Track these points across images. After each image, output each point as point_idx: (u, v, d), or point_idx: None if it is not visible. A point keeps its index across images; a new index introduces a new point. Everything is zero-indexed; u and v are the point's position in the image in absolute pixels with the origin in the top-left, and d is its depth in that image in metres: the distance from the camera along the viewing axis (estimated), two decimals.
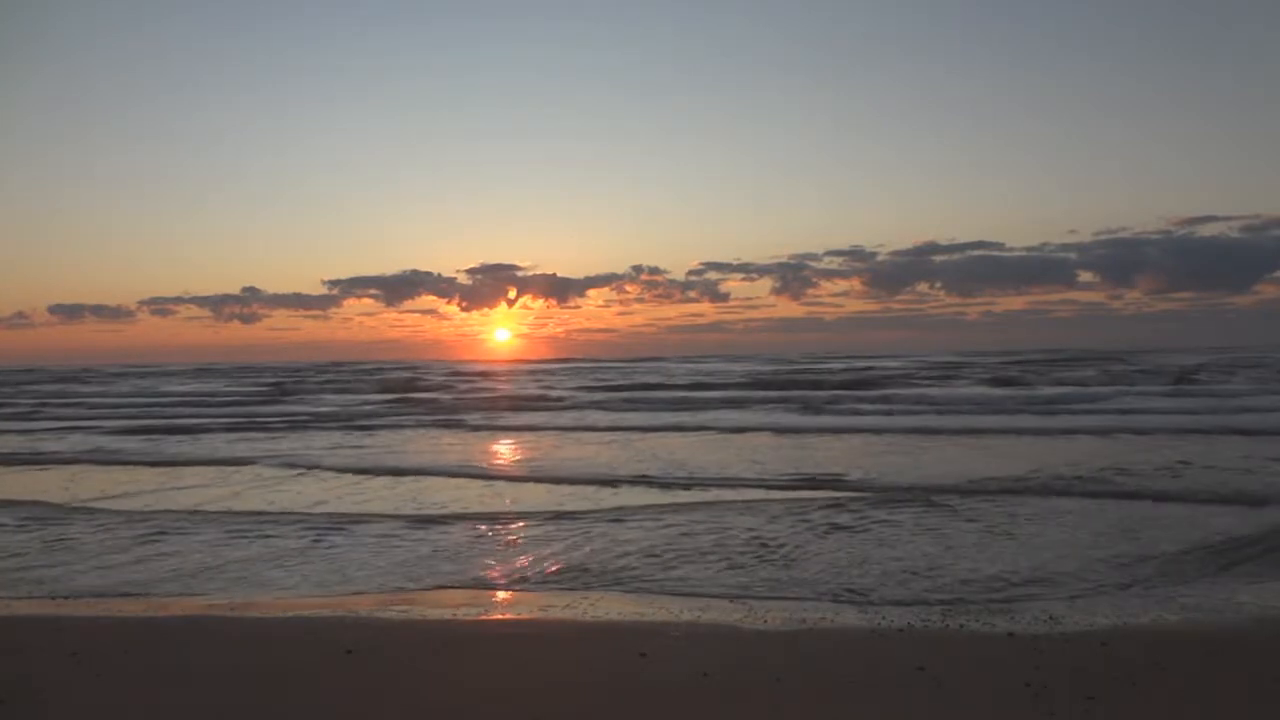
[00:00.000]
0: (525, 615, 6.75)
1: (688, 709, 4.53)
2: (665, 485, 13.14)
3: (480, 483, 14.04)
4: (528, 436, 22.16)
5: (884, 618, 6.26)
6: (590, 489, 12.97)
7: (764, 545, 8.83)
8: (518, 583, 7.86)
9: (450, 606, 6.87)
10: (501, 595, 7.48)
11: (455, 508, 11.49)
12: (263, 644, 5.77)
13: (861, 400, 32.06)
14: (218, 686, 4.90)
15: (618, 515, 10.64)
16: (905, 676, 4.96)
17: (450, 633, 6.09)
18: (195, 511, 11.51)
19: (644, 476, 13.94)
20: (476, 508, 11.49)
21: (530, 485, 13.73)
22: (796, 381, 44.96)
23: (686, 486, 13.00)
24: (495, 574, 8.12)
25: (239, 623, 6.41)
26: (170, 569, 8.37)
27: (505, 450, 19.09)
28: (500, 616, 6.74)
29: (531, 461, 16.90)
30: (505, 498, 12.46)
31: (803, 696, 4.68)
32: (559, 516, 10.63)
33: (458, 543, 9.28)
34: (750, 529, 9.58)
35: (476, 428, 24.75)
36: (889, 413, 26.64)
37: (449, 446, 19.78)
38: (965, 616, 6.25)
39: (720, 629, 6.07)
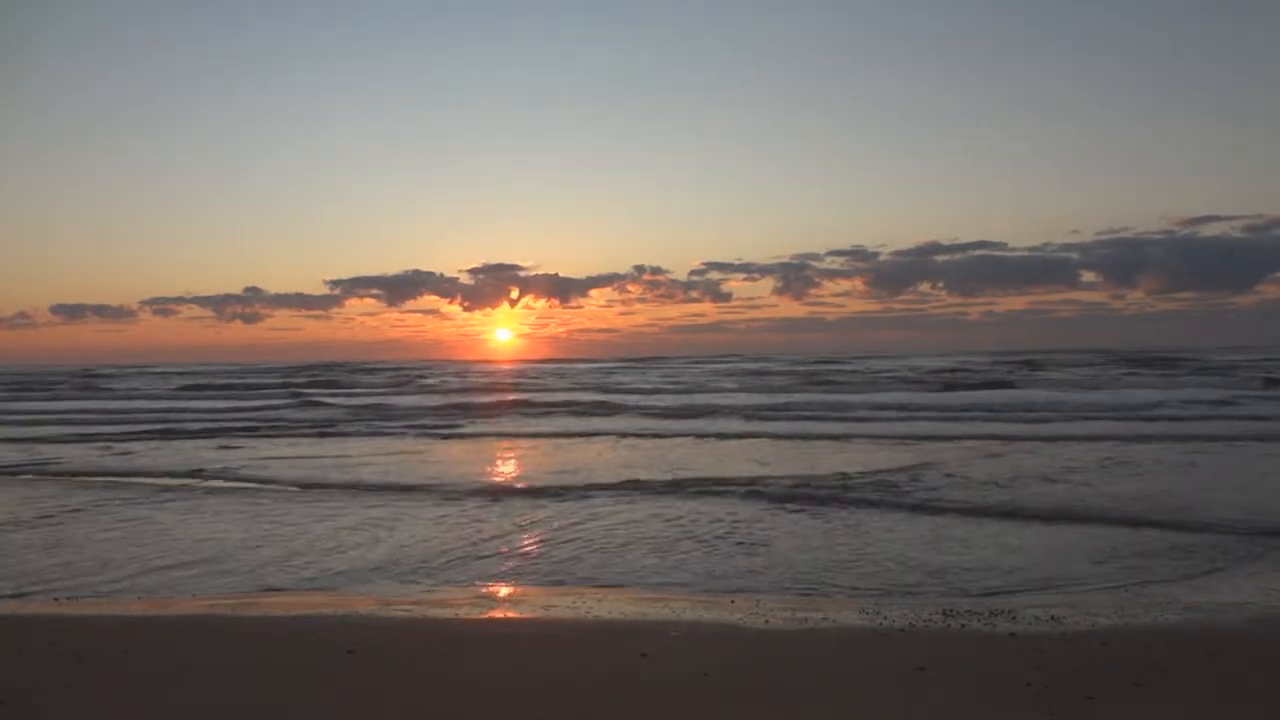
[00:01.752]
0: (526, 615, 6.76)
1: (688, 709, 4.52)
2: None
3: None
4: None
5: (885, 618, 6.25)
6: None
7: None
8: (518, 582, 7.91)
9: (451, 606, 6.87)
10: (502, 595, 7.49)
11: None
12: (263, 644, 5.77)
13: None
14: (218, 686, 4.90)
15: None
16: (906, 676, 4.95)
17: (450, 633, 6.09)
18: None
19: None
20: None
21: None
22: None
23: None
24: (495, 573, 8.16)
25: (239, 623, 6.41)
26: None
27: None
28: (500, 616, 6.74)
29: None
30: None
31: (803, 696, 4.67)
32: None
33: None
34: None
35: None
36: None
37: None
38: (966, 617, 6.25)
39: (720, 629, 6.07)
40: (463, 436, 22.83)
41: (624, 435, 22.04)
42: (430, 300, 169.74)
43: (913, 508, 11.04)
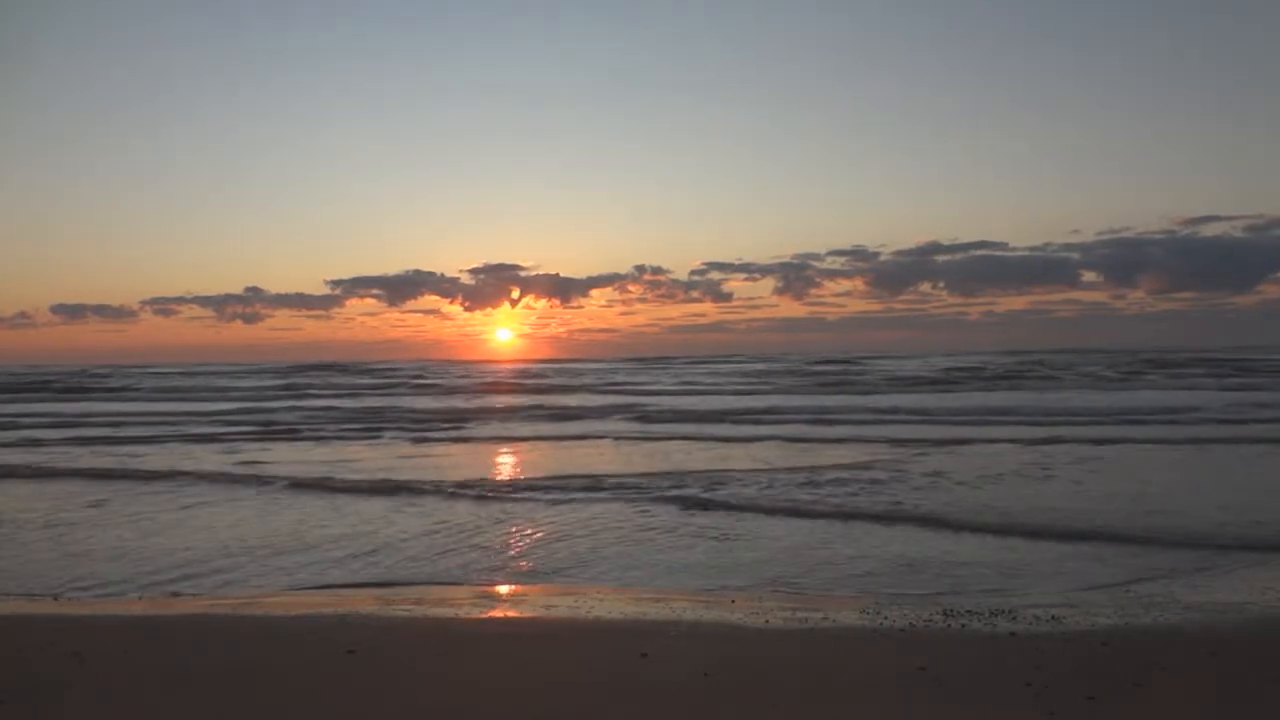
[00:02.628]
0: (526, 615, 6.76)
1: (688, 709, 4.52)
2: None
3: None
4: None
5: (885, 618, 6.25)
6: None
7: None
8: (518, 582, 7.92)
9: (451, 606, 6.87)
10: (502, 594, 7.50)
11: None
12: (263, 644, 5.76)
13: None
14: (218, 686, 4.90)
15: None
16: (906, 676, 4.95)
17: (450, 632, 6.09)
18: None
19: None
20: None
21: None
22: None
23: None
24: (496, 573, 8.17)
25: (239, 622, 6.41)
26: None
27: None
28: (500, 616, 6.74)
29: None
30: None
31: (803, 696, 4.67)
32: None
33: None
34: None
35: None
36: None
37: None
38: (966, 617, 6.24)
39: (721, 629, 6.07)
40: (482, 440, 22.84)
41: (656, 440, 22.00)
42: (431, 300, 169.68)
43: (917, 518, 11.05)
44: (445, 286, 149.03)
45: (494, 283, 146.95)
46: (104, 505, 12.22)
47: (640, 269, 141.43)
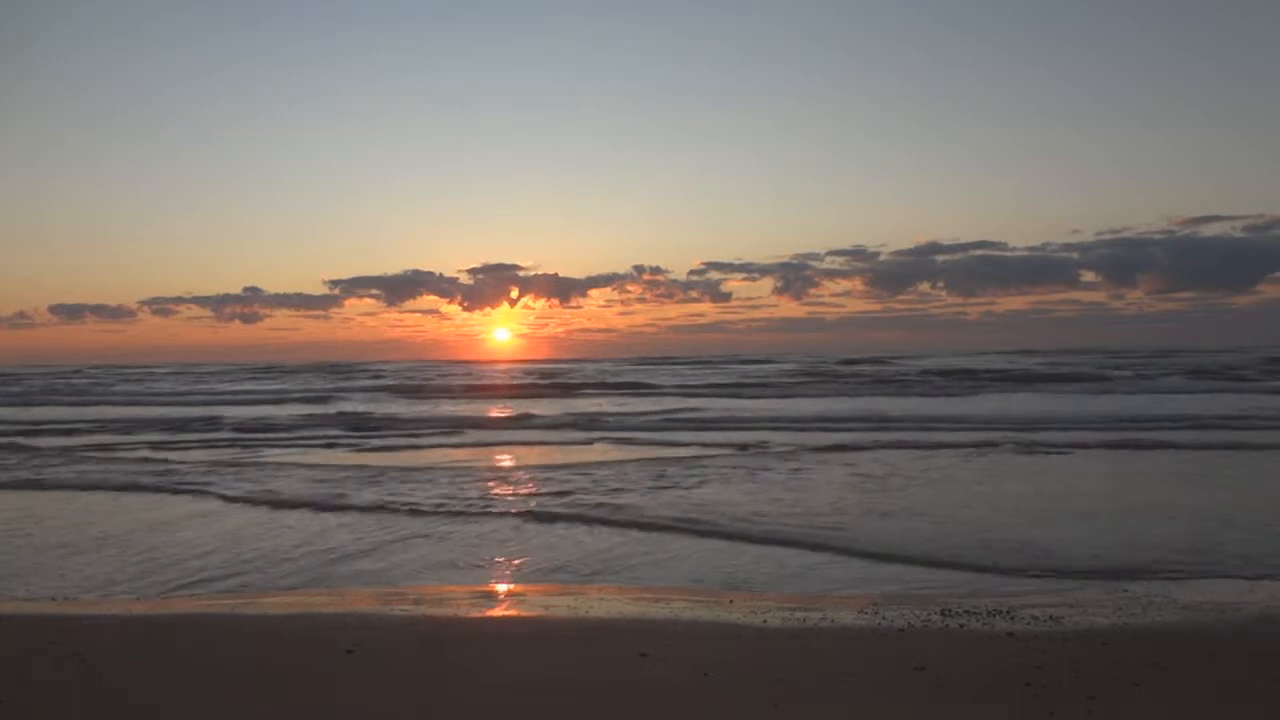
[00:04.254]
0: (525, 614, 6.77)
1: (688, 709, 4.52)
2: None
3: None
4: None
5: (884, 618, 6.26)
6: None
7: None
8: (517, 581, 7.94)
9: (450, 606, 6.88)
10: (501, 594, 7.51)
11: None
12: (263, 644, 5.77)
13: None
14: (218, 686, 4.90)
15: None
16: (905, 676, 4.95)
17: (450, 632, 6.10)
18: None
19: None
20: None
21: None
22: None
23: None
24: (495, 572, 8.18)
25: (239, 622, 6.42)
26: None
27: None
28: (500, 615, 6.75)
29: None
30: None
31: (803, 696, 4.67)
32: None
33: None
34: None
35: None
36: None
37: None
38: (965, 616, 6.25)
39: (721, 628, 6.07)
40: (513, 444, 22.85)
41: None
42: (430, 300, 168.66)
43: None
44: (444, 286, 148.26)
45: (493, 283, 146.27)
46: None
47: (639, 269, 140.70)
